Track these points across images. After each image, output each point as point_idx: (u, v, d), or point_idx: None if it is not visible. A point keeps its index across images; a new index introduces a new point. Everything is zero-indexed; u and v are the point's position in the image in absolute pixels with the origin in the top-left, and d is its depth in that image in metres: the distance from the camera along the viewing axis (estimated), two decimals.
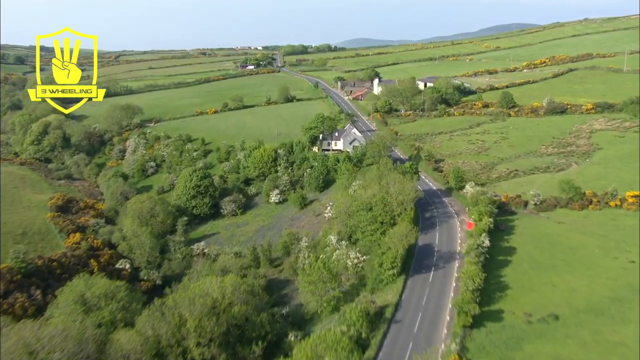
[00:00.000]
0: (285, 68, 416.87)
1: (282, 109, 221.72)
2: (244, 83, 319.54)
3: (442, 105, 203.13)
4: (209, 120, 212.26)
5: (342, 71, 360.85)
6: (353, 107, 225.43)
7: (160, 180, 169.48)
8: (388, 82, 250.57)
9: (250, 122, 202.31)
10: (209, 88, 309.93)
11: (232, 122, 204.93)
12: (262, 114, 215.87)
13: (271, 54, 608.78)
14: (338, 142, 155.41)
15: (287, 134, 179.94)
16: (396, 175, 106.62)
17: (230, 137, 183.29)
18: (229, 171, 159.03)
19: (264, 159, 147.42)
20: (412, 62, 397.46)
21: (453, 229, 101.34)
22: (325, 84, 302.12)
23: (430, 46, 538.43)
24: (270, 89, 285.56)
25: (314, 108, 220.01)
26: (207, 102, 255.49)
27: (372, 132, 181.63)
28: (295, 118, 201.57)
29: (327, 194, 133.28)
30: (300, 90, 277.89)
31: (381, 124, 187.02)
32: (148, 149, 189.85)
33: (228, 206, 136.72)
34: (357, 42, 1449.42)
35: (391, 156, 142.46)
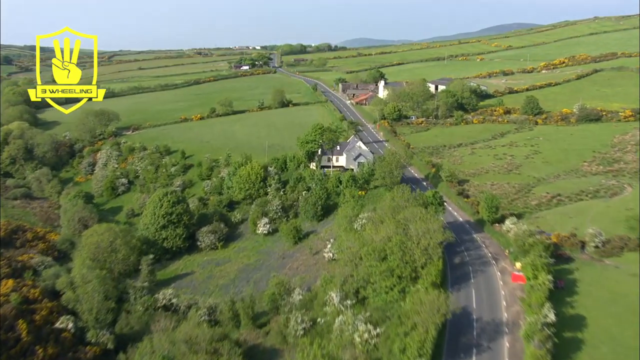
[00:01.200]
0: (282, 68, 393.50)
1: (276, 116, 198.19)
2: (237, 85, 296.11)
3: (459, 112, 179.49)
4: (192, 129, 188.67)
5: (343, 72, 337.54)
6: (356, 113, 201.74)
7: (131, 200, 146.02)
8: (395, 84, 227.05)
9: (239, 131, 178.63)
10: (198, 90, 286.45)
11: (219, 131, 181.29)
12: (253, 121, 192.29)
13: (268, 54, 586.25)
14: (340, 158, 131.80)
15: (280, 146, 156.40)
16: (416, 209, 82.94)
17: (214, 150, 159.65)
18: (210, 191, 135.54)
19: (251, 178, 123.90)
20: (418, 62, 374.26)
21: (493, 282, 77.62)
22: (325, 86, 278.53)
23: (436, 45, 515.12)
24: (264, 91, 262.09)
25: (312, 114, 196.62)
26: (194, 106, 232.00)
27: (379, 143, 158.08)
28: (290, 126, 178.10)
29: (327, 224, 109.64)
30: (297, 93, 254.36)
31: (389, 133, 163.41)
32: (121, 162, 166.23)
33: (206, 238, 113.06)
34: (357, 42, 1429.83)
35: (404, 176, 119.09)
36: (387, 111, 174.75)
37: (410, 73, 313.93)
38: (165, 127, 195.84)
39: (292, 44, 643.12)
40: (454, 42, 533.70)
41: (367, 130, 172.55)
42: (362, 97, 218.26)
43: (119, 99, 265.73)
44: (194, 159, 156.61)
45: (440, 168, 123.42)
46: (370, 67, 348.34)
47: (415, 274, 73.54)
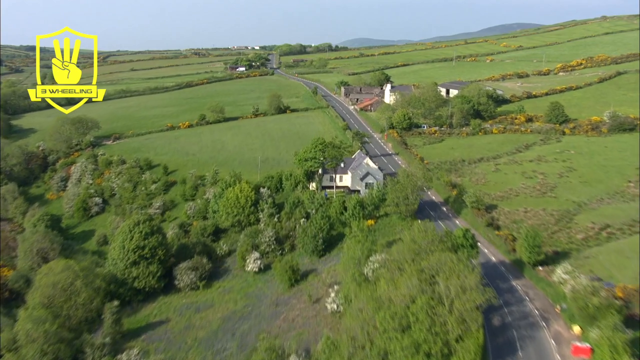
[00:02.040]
0: (281, 70, 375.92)
1: (271, 123, 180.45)
2: (231, 88, 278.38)
3: (477, 120, 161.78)
4: (179, 139, 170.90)
5: (345, 74, 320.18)
6: (361, 120, 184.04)
7: (105, 223, 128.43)
8: (402, 88, 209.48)
9: (230, 142, 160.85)
10: (189, 94, 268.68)
11: (208, 142, 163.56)
12: (246, 129, 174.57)
13: (266, 54, 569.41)
14: (345, 177, 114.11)
15: (275, 160, 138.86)
16: (445, 254, 65.38)
17: (201, 164, 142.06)
18: (194, 215, 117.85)
19: (240, 202, 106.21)
20: (424, 63, 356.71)
21: (548, 357, 59.94)
22: (326, 90, 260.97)
23: (441, 45, 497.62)
24: (260, 95, 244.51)
25: (311, 122, 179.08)
26: (183, 112, 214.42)
27: (388, 156, 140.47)
28: (287, 136, 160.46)
29: (330, 261, 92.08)
30: (296, 97, 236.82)
31: (399, 145, 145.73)
32: (96, 177, 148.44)
33: (185, 276, 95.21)
34: (357, 42, 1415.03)
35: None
36: (396, 119, 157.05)
37: (416, 75, 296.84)
38: (150, 136, 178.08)
39: (291, 44, 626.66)
40: (460, 41, 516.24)
41: (374, 141, 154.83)
42: (367, 102, 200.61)
43: (103, 103, 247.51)
44: (178, 174, 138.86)
45: (463, 191, 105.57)
46: (374, 69, 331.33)
47: (448, 350, 55.97)
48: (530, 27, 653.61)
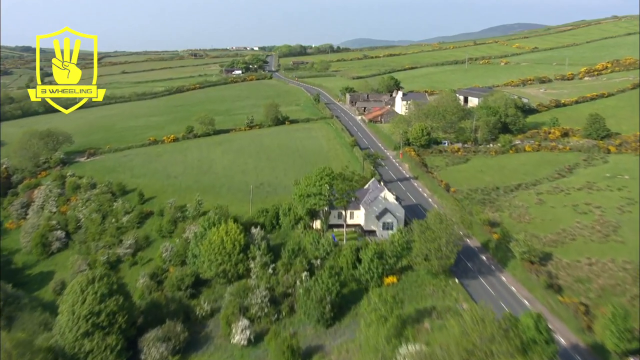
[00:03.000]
0: (279, 73, 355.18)
1: (268, 137, 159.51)
2: (225, 94, 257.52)
3: (506, 136, 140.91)
4: (161, 156, 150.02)
5: (348, 77, 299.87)
6: (370, 134, 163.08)
7: (67, 264, 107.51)
8: (416, 96, 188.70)
9: (219, 161, 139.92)
10: (179, 100, 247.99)
11: (194, 160, 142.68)
12: (239, 145, 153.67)
13: (265, 55, 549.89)
14: (357, 213, 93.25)
15: (271, 186, 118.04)
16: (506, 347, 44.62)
17: (183, 190, 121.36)
18: (171, 259, 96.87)
19: (226, 247, 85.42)
20: (434, 66, 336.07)
21: None
22: (329, 96, 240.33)
23: (449, 47, 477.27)
24: (256, 102, 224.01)
25: (313, 136, 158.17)
26: (170, 122, 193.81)
27: (406, 181, 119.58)
28: (286, 154, 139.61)
29: (341, 334, 71.13)
30: (296, 105, 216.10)
31: (418, 166, 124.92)
32: (61, 204, 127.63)
33: (154, 349, 74.20)
34: (357, 42, 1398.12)
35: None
36: (413, 135, 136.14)
37: (426, 79, 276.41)
38: (129, 153, 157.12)
39: (291, 45, 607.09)
40: (469, 42, 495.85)
41: (387, 161, 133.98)
42: (376, 112, 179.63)
43: (83, 111, 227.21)
44: (155, 203, 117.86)
45: (507, 235, 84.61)
46: (380, 72, 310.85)
47: None
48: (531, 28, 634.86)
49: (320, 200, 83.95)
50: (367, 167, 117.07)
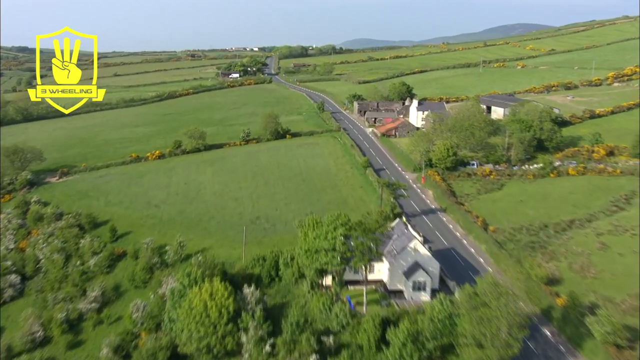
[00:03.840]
0: (279, 77, 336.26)
1: (266, 155, 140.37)
2: (220, 101, 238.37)
3: (546, 156, 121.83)
4: (143, 177, 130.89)
5: (354, 82, 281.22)
6: (385, 151, 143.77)
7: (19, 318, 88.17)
8: (433, 106, 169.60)
9: (209, 185, 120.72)
10: (169, 108, 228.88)
11: (179, 183, 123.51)
12: (232, 164, 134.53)
13: (264, 56, 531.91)
14: (378, 266, 74.07)
15: (270, 220, 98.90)
16: None
17: (164, 223, 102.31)
18: (143, 321, 77.55)
19: (210, 315, 66.23)
20: (444, 70, 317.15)
21: None
22: (334, 104, 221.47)
23: (459, 48, 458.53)
24: (254, 110, 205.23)
25: (319, 153, 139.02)
26: (157, 134, 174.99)
27: (432, 214, 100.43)
28: (286, 177, 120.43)
29: None
30: (298, 114, 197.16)
31: (444, 195, 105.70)
32: (21, 239, 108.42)
33: None
34: (358, 42, 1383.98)
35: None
36: (437, 155, 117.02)
37: (438, 85, 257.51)
38: (107, 172, 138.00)
39: (292, 46, 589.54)
40: (479, 43, 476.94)
41: (407, 185, 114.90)
42: (390, 125, 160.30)
43: (63, 120, 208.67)
44: (129, 240, 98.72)
45: (578, 303, 65.22)
46: (387, 76, 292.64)
47: None
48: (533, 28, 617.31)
49: (333, 258, 64.66)
50: (387, 204, 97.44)
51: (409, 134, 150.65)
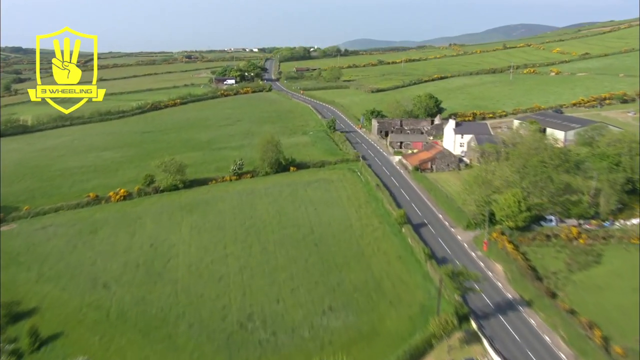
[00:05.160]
0: (281, 83, 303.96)
1: (264, 200, 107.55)
2: (210, 115, 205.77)
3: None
4: (98, 231, 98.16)
5: (366, 90, 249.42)
6: (422, 194, 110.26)
7: None
8: (474, 127, 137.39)
9: (183, 251, 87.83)
10: (150, 123, 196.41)
11: (142, 245, 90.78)
12: (216, 214, 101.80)
13: (264, 58, 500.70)
14: None
15: (267, 326, 66.01)
16: None
17: (112, 323, 69.54)
18: None
19: None
20: (467, 76, 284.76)
21: None
22: (345, 119, 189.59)
23: (476, 51, 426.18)
24: (250, 128, 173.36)
25: (335, 200, 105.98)
26: (129, 161, 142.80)
27: (510, 310, 67.78)
28: (291, 240, 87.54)
29: None
30: (303, 134, 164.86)
31: (523, 275, 73.18)
32: None
33: None
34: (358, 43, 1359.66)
35: None
36: (505, 209, 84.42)
37: (465, 95, 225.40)
38: (53, 221, 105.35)
39: (293, 48, 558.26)
40: (498, 45, 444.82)
41: (461, 252, 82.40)
42: (424, 154, 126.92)
43: (21, 139, 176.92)
44: (56, 352, 66.29)
45: None
46: (404, 84, 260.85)
47: None
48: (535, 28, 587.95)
49: None
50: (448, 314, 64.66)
51: (450, 167, 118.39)
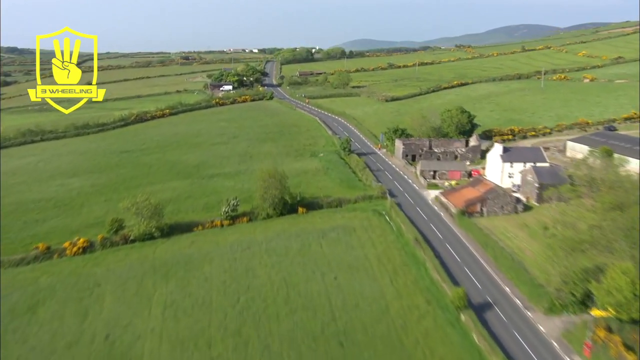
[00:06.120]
0: (282, 90, 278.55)
1: (264, 262, 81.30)
2: (202, 130, 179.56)
3: None
4: (40, 306, 72.27)
5: (379, 98, 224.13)
6: (474, 249, 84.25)
7: None
8: (527, 154, 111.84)
9: (150, 349, 62.46)
10: (132, 140, 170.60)
11: (95, 333, 65.00)
12: (201, 282, 76.02)
13: (265, 60, 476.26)
14: None
15: None
16: None
17: None
18: None
19: None
20: (489, 82, 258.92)
21: None
22: (360, 135, 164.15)
23: (493, 53, 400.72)
24: (247, 149, 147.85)
25: (359, 260, 79.48)
26: (100, 192, 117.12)
27: None
28: (305, 332, 61.19)
29: None
30: (312, 156, 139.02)
31: None
32: None
33: None
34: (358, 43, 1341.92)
35: None
36: (615, 296, 58.69)
37: (494, 105, 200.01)
38: None
39: (295, 49, 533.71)
40: (515, 47, 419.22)
41: (553, 359, 56.82)
42: (470, 192, 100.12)
43: None
44: None
45: None
46: (421, 91, 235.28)
47: None
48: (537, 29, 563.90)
49: None
50: None
51: (504, 209, 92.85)
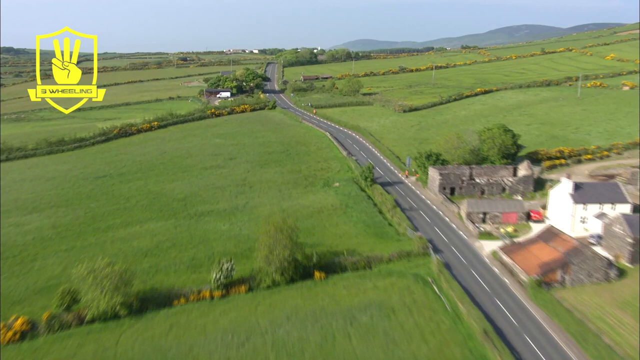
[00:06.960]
0: (286, 97, 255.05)
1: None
2: (193, 149, 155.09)
3: None
4: None
5: (395, 107, 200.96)
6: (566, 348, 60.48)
7: None
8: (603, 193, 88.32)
9: None
10: (110, 163, 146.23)
11: None
12: None
13: (266, 61, 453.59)
14: None
15: None
16: None
17: None
18: None
19: None
20: (516, 90, 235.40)
21: None
22: (378, 154, 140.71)
23: (511, 56, 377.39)
24: (247, 177, 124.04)
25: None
26: (64, 232, 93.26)
27: None
28: None
29: None
30: (326, 186, 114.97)
31: None
32: None
33: None
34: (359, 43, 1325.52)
35: None
36: None
37: (528, 117, 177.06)
38: None
39: (298, 50, 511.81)
40: (535, 49, 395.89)
41: None
42: (545, 252, 74.67)
43: None
44: None
45: None
46: (442, 100, 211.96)
47: None
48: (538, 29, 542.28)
49: None
50: None
51: (593, 277, 69.18)
